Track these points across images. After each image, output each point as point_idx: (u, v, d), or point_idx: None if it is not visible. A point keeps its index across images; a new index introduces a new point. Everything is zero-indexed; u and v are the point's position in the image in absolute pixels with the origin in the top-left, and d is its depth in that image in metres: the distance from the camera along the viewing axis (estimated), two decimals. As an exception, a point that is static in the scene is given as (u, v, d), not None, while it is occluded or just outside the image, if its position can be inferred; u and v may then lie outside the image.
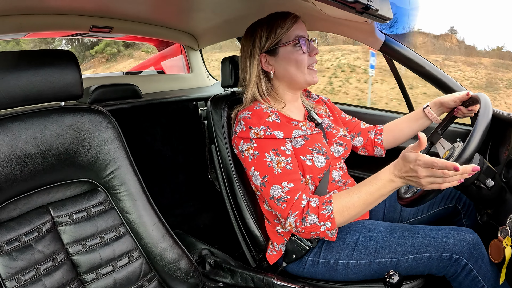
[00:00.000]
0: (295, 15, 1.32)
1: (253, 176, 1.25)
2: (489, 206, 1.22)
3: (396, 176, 1.07)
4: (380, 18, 1.21)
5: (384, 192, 1.10)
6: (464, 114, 1.41)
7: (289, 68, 1.32)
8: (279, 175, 1.20)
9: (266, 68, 1.35)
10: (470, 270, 1.12)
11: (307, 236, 1.20)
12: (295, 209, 1.17)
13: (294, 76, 1.33)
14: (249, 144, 1.25)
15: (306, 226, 1.15)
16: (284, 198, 1.18)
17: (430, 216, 1.49)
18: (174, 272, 1.08)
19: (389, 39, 1.72)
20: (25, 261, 0.88)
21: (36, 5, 1.52)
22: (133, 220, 1.05)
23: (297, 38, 1.30)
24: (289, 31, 1.29)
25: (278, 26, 1.30)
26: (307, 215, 1.15)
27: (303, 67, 1.31)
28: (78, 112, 1.00)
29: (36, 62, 0.91)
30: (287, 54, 1.31)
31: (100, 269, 1.00)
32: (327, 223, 1.13)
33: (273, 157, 1.22)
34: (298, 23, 1.32)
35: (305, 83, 1.34)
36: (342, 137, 1.45)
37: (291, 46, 1.30)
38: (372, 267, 1.23)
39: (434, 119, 1.48)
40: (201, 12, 1.94)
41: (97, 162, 1.02)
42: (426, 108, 1.50)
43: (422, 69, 1.73)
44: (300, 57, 1.30)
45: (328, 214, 1.14)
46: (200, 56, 2.90)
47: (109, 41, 13.40)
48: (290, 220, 1.17)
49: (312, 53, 1.33)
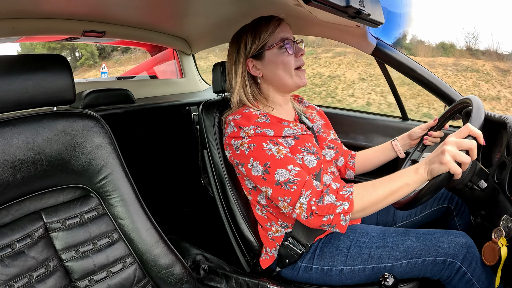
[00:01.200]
0: (279, 18, 1.33)
1: (252, 168, 1.21)
2: (482, 207, 1.22)
3: (422, 164, 1.05)
4: (372, 23, 1.22)
5: (408, 179, 1.06)
6: (432, 141, 1.45)
7: (277, 71, 1.32)
8: (282, 160, 1.18)
9: (253, 73, 1.35)
10: (464, 273, 1.13)
11: (317, 222, 1.12)
12: (308, 187, 1.13)
13: (282, 79, 1.33)
14: (242, 140, 1.23)
15: (321, 205, 1.10)
16: (293, 180, 1.14)
17: (424, 217, 1.50)
18: (168, 278, 1.07)
19: (381, 43, 1.73)
20: (17, 267, 0.86)
21: (28, 9, 1.52)
22: (126, 226, 1.04)
23: (282, 40, 1.30)
24: (274, 34, 1.30)
25: (263, 30, 1.30)
26: (325, 194, 1.11)
27: (290, 68, 1.31)
28: (71, 117, 0.99)
29: (29, 66, 0.90)
30: (273, 57, 1.31)
31: (94, 275, 0.99)
32: (345, 203, 1.08)
33: (271, 145, 1.21)
34: (282, 25, 1.32)
35: (293, 85, 1.34)
36: (332, 141, 1.45)
37: (276, 48, 1.30)
38: (366, 273, 1.23)
39: (399, 152, 1.53)
40: (194, 17, 1.94)
41: (90, 167, 1.01)
42: (394, 141, 1.54)
43: (414, 73, 1.75)
44: (287, 59, 1.30)
45: (347, 195, 1.10)
46: (193, 61, 2.90)
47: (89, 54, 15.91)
48: (302, 200, 1.12)
49: (298, 54, 1.33)
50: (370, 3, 1.13)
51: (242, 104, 1.35)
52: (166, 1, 1.62)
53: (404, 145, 1.53)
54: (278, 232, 1.35)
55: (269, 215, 1.35)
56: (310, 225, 1.14)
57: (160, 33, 2.30)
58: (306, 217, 1.12)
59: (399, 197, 1.08)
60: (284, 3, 1.39)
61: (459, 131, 1.01)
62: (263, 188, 1.20)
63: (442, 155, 0.98)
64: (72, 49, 16.28)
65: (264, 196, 1.33)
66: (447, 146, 0.98)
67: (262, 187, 1.21)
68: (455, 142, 0.98)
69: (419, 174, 1.04)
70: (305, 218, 1.12)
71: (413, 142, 1.51)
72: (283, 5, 1.42)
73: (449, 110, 1.39)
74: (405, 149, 1.53)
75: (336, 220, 1.10)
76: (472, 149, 0.97)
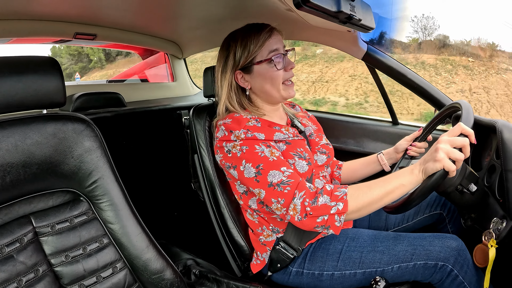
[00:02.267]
0: (270, 28, 1.30)
1: (245, 171, 1.20)
2: (472, 210, 1.24)
3: (416, 165, 1.06)
4: (363, 28, 1.23)
5: (402, 180, 1.06)
6: (416, 151, 1.46)
7: (265, 85, 1.31)
8: (275, 162, 1.17)
9: (242, 84, 1.34)
10: (455, 276, 1.13)
11: (312, 224, 1.10)
12: (301, 188, 1.13)
13: (269, 92, 1.32)
14: (234, 142, 1.22)
15: (316, 206, 1.09)
16: (287, 181, 1.14)
17: (416, 223, 1.51)
18: (159, 283, 1.06)
19: (372, 48, 1.75)
20: (6, 272, 0.85)
21: (20, 10, 1.51)
22: (117, 231, 1.03)
23: (272, 55, 1.28)
24: (263, 47, 1.28)
25: (252, 42, 1.28)
26: (319, 195, 1.10)
27: (278, 83, 1.30)
28: (61, 120, 0.98)
29: (19, 69, 0.89)
30: (262, 72, 1.30)
31: (84, 280, 0.98)
32: (339, 203, 1.08)
33: (264, 148, 1.20)
34: (272, 36, 1.29)
35: (281, 98, 1.34)
36: (324, 145, 1.45)
37: (265, 63, 1.29)
38: (357, 277, 1.23)
39: (385, 165, 1.53)
40: (185, 21, 1.94)
41: (80, 171, 1.00)
42: (380, 155, 1.54)
43: (404, 78, 1.76)
44: (275, 74, 1.29)
45: (341, 195, 1.09)
46: (184, 65, 2.90)
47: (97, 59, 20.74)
48: (295, 201, 1.11)
49: (288, 67, 1.31)
50: (361, 8, 1.14)
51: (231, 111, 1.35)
52: (157, 5, 1.62)
53: (390, 159, 1.53)
54: (269, 237, 1.35)
55: (261, 220, 1.35)
56: (304, 227, 1.13)
57: (151, 37, 2.30)
58: (300, 218, 1.11)
59: (395, 198, 1.08)
60: (275, 8, 1.39)
61: (451, 130, 1.03)
62: (256, 190, 1.19)
63: (436, 152, 0.99)
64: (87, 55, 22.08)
65: (255, 201, 1.33)
66: (440, 144, 0.99)
67: (255, 190, 1.20)
68: (448, 140, 0.99)
69: (414, 175, 1.04)
70: (299, 219, 1.11)
71: (399, 156, 1.51)
72: (275, 9, 1.43)
73: (438, 114, 1.40)
74: (391, 163, 1.53)
75: (330, 221, 1.09)
76: (465, 146, 0.98)
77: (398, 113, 2.04)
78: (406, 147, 1.47)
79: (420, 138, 1.46)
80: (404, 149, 1.47)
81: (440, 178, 1.00)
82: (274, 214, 1.31)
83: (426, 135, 1.44)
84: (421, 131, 1.45)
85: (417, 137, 1.46)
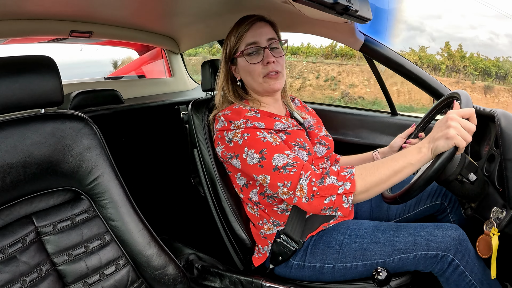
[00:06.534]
0: (254, 19, 1.29)
1: (248, 158, 1.19)
2: (472, 200, 1.24)
3: (424, 143, 1.04)
4: (359, 19, 1.22)
5: (410, 159, 1.04)
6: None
7: (246, 77, 1.33)
8: (278, 146, 1.17)
9: (236, 75, 1.36)
10: (457, 266, 1.14)
11: (319, 205, 1.09)
12: (307, 169, 1.12)
13: (251, 85, 1.34)
14: (235, 131, 1.22)
15: (323, 186, 1.08)
16: (292, 163, 1.13)
17: (417, 214, 1.51)
18: (162, 278, 1.07)
19: (369, 39, 1.74)
20: (10, 273, 0.85)
21: (14, 10, 1.50)
22: (118, 228, 1.04)
23: (249, 48, 1.28)
24: (241, 40, 1.28)
25: (234, 34, 1.29)
26: (326, 175, 1.10)
27: (256, 76, 1.30)
28: (59, 119, 0.98)
29: (15, 68, 0.89)
30: (242, 64, 1.31)
31: (87, 278, 0.98)
32: (347, 183, 1.06)
33: (266, 134, 1.20)
34: (252, 29, 1.28)
35: (263, 91, 1.34)
36: (324, 137, 1.45)
37: (245, 56, 1.29)
38: (359, 269, 1.24)
39: None
40: (181, 15, 1.93)
41: (80, 169, 1.00)
42: (375, 153, 1.53)
43: (402, 68, 1.76)
44: (251, 68, 1.29)
45: (348, 175, 1.08)
46: (181, 60, 2.89)
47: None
48: (302, 182, 1.10)
49: (265, 62, 1.28)
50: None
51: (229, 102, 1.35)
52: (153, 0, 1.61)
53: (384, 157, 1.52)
54: (270, 230, 1.35)
55: (261, 213, 1.36)
56: (312, 209, 1.11)
57: (147, 32, 2.29)
58: (307, 199, 1.09)
59: (403, 177, 1.06)
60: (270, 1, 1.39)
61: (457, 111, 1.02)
62: (260, 177, 1.18)
63: (448, 129, 0.97)
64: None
65: (256, 193, 1.33)
66: (452, 121, 0.98)
67: (259, 176, 1.18)
68: (458, 118, 0.99)
69: (422, 153, 1.03)
70: (306, 200, 1.10)
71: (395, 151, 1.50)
72: (270, 2, 1.42)
73: (437, 104, 1.40)
74: None
75: (338, 202, 1.07)
76: (470, 129, 0.98)
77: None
78: (401, 144, 1.45)
79: (413, 135, 1.45)
80: (399, 147, 1.46)
81: (450, 156, 0.99)
82: (274, 207, 1.31)
83: (419, 132, 1.44)
84: (414, 127, 1.45)
85: (411, 133, 1.46)
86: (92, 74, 2.97)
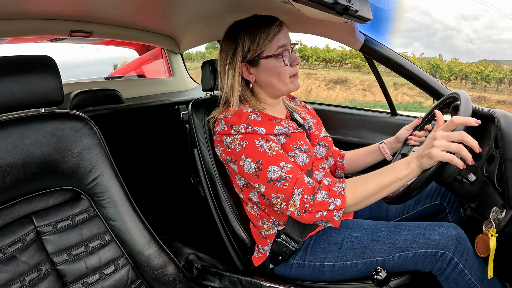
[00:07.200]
0: (280, 22, 1.29)
1: (244, 166, 1.21)
2: (472, 200, 1.23)
3: (413, 158, 1.06)
4: (360, 19, 1.22)
5: (399, 174, 1.07)
6: (417, 140, 1.46)
7: (271, 79, 1.30)
8: (274, 157, 1.18)
9: (246, 77, 1.32)
10: (456, 265, 1.14)
11: (311, 218, 1.13)
12: (299, 185, 1.14)
13: (275, 86, 1.31)
14: (234, 136, 1.22)
15: (314, 203, 1.11)
16: (285, 177, 1.15)
17: (416, 214, 1.51)
18: (162, 278, 1.07)
19: (369, 39, 1.74)
20: (9, 273, 0.85)
21: (13, 10, 1.49)
22: (118, 227, 1.04)
23: (280, 50, 1.27)
24: (272, 42, 1.26)
25: (262, 35, 1.25)
26: (317, 191, 1.12)
27: (284, 78, 1.30)
28: (59, 118, 0.98)
29: (15, 69, 0.89)
30: (269, 66, 1.28)
31: (87, 278, 0.98)
32: (337, 200, 1.10)
33: (263, 142, 1.20)
34: (281, 31, 1.28)
35: (287, 91, 1.34)
36: (324, 138, 1.45)
37: (273, 58, 1.27)
38: (359, 267, 1.24)
39: (386, 155, 1.54)
40: (181, 15, 1.93)
41: (79, 169, 1.00)
42: (381, 144, 1.55)
43: (402, 68, 1.76)
44: (282, 69, 1.28)
45: (339, 191, 1.11)
46: (181, 60, 2.89)
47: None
48: (294, 198, 1.13)
49: (294, 63, 1.31)
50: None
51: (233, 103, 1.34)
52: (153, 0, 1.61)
53: (392, 148, 1.54)
54: (270, 230, 1.35)
55: (261, 213, 1.36)
56: (304, 221, 1.16)
57: (147, 32, 2.29)
58: (299, 214, 1.14)
59: (391, 191, 1.10)
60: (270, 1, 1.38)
61: (445, 125, 1.02)
62: (256, 185, 1.22)
63: (431, 149, 0.99)
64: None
65: (256, 193, 1.33)
66: (436, 141, 0.99)
67: (255, 184, 1.22)
68: (443, 135, 0.99)
69: (410, 168, 1.06)
70: (298, 215, 1.14)
71: (400, 145, 1.52)
72: (270, 2, 1.42)
73: (437, 105, 1.40)
74: (393, 152, 1.54)
75: (329, 216, 1.12)
76: (463, 137, 0.97)
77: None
78: (406, 136, 1.48)
79: (420, 127, 1.46)
80: (405, 138, 1.48)
81: (435, 173, 1.02)
82: (274, 207, 1.31)
83: (426, 124, 1.44)
84: (421, 119, 1.45)
85: (417, 125, 1.47)
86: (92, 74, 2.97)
